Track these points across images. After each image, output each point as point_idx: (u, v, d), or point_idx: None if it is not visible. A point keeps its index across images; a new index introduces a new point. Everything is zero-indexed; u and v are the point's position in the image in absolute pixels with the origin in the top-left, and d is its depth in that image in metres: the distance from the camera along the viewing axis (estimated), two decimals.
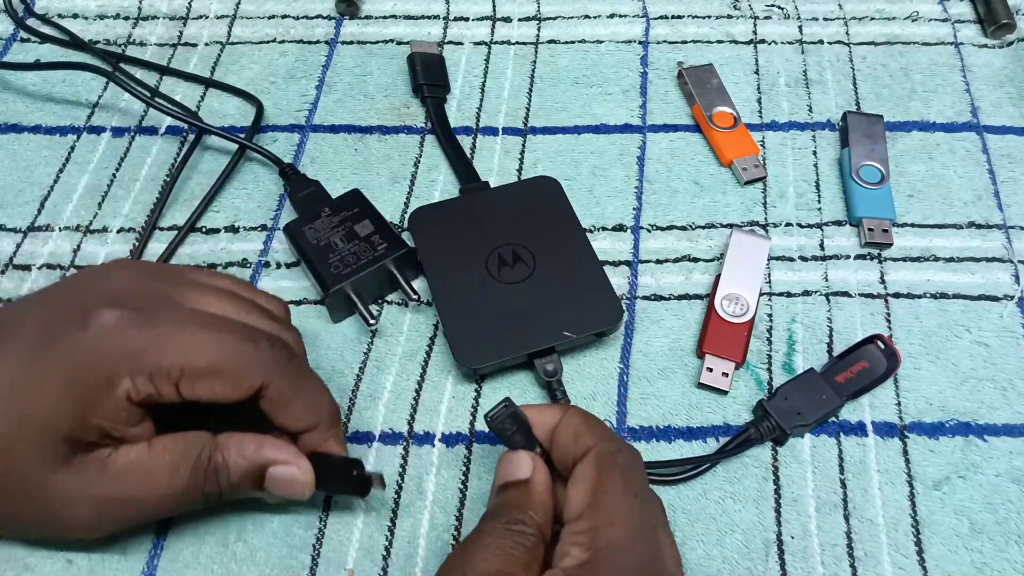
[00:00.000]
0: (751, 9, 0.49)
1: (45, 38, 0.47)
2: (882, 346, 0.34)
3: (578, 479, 0.26)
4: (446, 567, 0.25)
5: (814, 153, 0.43)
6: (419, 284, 0.38)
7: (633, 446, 0.28)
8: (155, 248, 0.39)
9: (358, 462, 0.30)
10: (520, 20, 0.49)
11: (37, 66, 0.45)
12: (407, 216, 0.39)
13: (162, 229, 0.40)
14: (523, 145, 0.43)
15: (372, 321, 0.35)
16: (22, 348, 0.26)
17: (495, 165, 0.42)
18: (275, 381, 0.28)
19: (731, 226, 0.40)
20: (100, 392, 0.26)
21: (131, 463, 0.27)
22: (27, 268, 0.38)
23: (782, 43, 0.48)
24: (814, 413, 0.33)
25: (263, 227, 0.40)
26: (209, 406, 0.28)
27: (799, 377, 0.34)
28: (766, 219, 0.40)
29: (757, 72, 0.46)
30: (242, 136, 0.42)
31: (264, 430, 0.29)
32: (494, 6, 0.50)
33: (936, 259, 0.39)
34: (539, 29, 0.48)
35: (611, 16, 0.49)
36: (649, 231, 0.40)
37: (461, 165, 0.41)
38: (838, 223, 0.40)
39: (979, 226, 0.40)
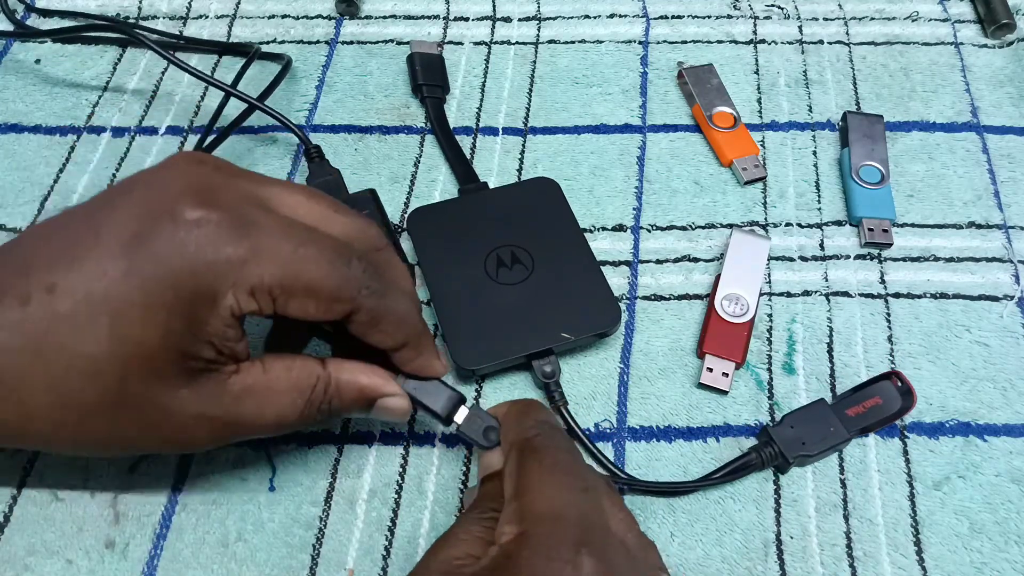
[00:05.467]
0: (751, 9, 0.49)
1: (46, 35, 0.47)
2: (899, 384, 0.33)
3: (507, 474, 0.27)
4: (422, 558, 0.26)
5: (814, 153, 0.43)
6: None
7: (555, 426, 0.28)
8: None
9: (450, 395, 0.30)
10: (520, 20, 0.49)
11: (54, 32, 0.46)
12: (406, 217, 0.39)
13: None
14: (523, 145, 0.43)
15: None
16: (112, 255, 0.24)
17: (495, 165, 0.42)
18: (366, 303, 0.27)
19: (731, 226, 0.40)
20: (206, 307, 0.25)
21: (248, 387, 0.26)
22: None
23: (782, 43, 0.48)
24: (819, 445, 0.32)
25: None
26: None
27: (808, 406, 0.33)
28: (766, 219, 0.40)
29: (757, 72, 0.46)
30: (266, 104, 0.42)
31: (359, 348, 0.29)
32: (494, 6, 0.50)
33: (936, 259, 0.39)
34: (539, 29, 0.48)
35: (611, 16, 0.49)
36: (649, 231, 0.40)
37: (460, 165, 0.41)
38: (838, 223, 0.40)
39: (979, 226, 0.40)
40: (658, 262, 0.39)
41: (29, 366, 0.25)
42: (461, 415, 0.29)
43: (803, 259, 0.39)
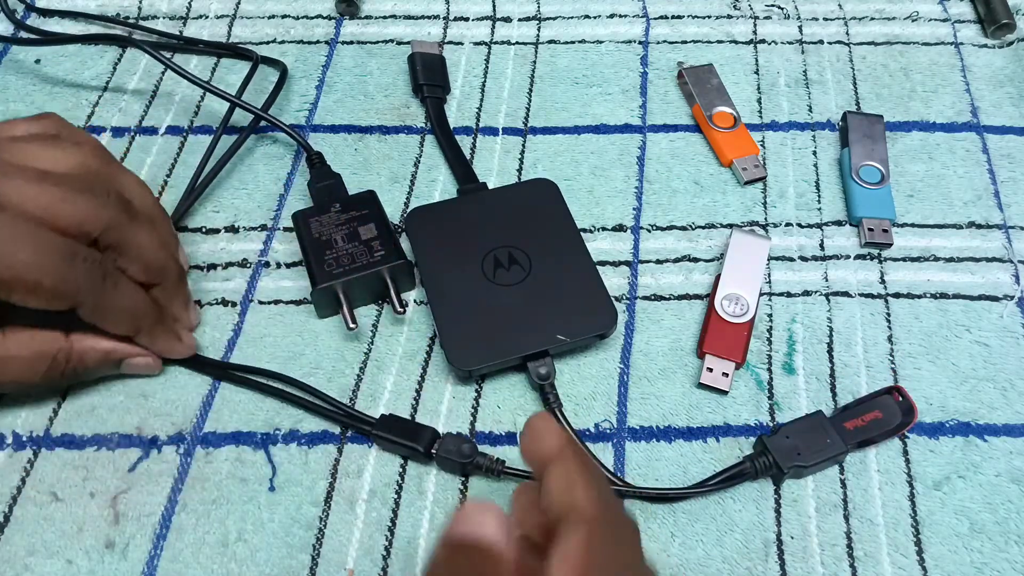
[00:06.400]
0: (751, 9, 0.49)
1: (46, 37, 0.47)
2: (900, 399, 0.33)
3: (557, 557, 0.20)
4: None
5: (814, 153, 0.43)
6: (415, 295, 0.38)
7: (629, 517, 0.24)
8: None
9: (427, 435, 0.32)
10: (520, 20, 0.49)
11: (53, 40, 0.46)
12: (404, 217, 0.39)
13: None
14: (523, 145, 0.43)
15: (352, 325, 0.35)
16: None
17: (495, 165, 0.42)
18: (87, 299, 0.30)
19: (731, 226, 0.40)
20: None
21: None
22: None
23: (782, 43, 0.48)
24: (814, 456, 0.32)
25: (263, 227, 0.40)
26: None
27: (805, 417, 0.33)
28: (766, 219, 0.40)
29: (757, 72, 0.46)
30: (259, 108, 0.42)
31: None
32: (494, 6, 0.50)
33: (936, 259, 0.39)
34: (539, 29, 0.48)
35: (611, 16, 0.49)
36: (649, 231, 0.40)
37: (459, 166, 0.41)
38: (838, 223, 0.40)
39: (979, 226, 0.40)
40: (658, 262, 0.39)
41: None
42: (436, 446, 0.32)
43: (803, 259, 0.39)
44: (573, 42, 0.48)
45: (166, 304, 0.34)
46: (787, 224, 0.40)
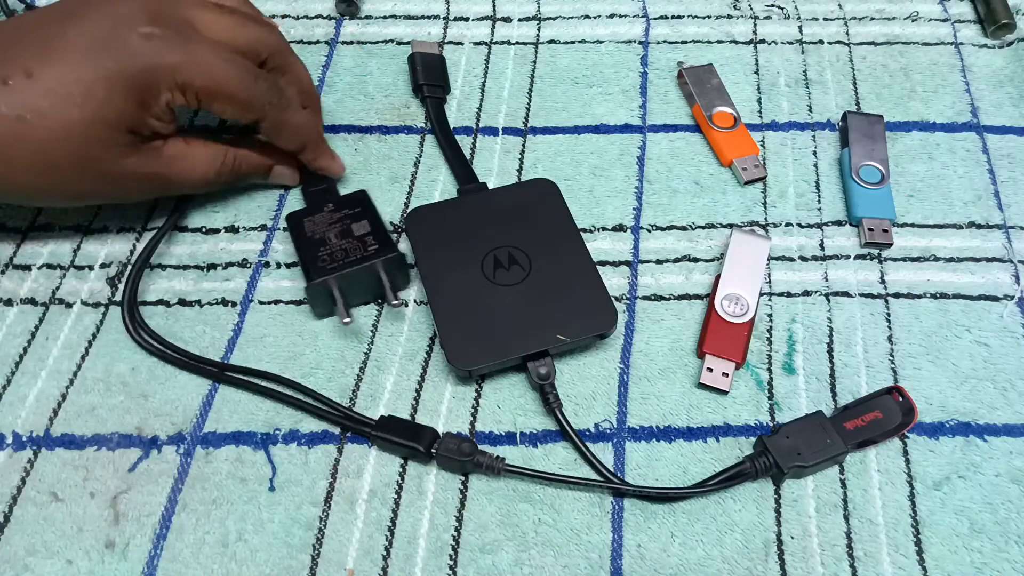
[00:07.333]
0: (751, 9, 0.49)
1: None
2: (900, 399, 0.33)
3: None
4: None
5: (814, 153, 0.43)
6: (412, 291, 0.38)
7: None
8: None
9: (427, 435, 0.33)
10: (520, 20, 0.49)
11: None
12: (404, 217, 0.39)
13: (160, 229, 0.39)
14: (523, 145, 0.43)
15: (347, 319, 0.35)
16: (83, 54, 0.32)
17: (495, 165, 0.42)
18: (270, 113, 0.36)
19: (731, 226, 0.40)
20: (150, 96, 0.33)
21: (177, 153, 0.36)
22: (27, 268, 0.38)
23: (782, 43, 0.48)
24: (814, 456, 0.32)
25: (263, 227, 0.40)
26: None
27: (805, 417, 0.33)
28: (766, 219, 0.40)
29: (757, 72, 0.46)
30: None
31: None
32: (494, 6, 0.50)
33: (936, 259, 0.39)
34: (539, 29, 0.48)
35: (611, 16, 0.49)
36: (649, 231, 0.40)
37: (459, 166, 0.41)
38: (838, 223, 0.40)
39: (979, 226, 0.40)
40: (658, 262, 0.39)
41: (13, 129, 0.31)
42: (436, 445, 0.32)
43: (803, 259, 0.39)
44: (573, 42, 0.48)
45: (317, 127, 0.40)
46: (787, 224, 0.40)
